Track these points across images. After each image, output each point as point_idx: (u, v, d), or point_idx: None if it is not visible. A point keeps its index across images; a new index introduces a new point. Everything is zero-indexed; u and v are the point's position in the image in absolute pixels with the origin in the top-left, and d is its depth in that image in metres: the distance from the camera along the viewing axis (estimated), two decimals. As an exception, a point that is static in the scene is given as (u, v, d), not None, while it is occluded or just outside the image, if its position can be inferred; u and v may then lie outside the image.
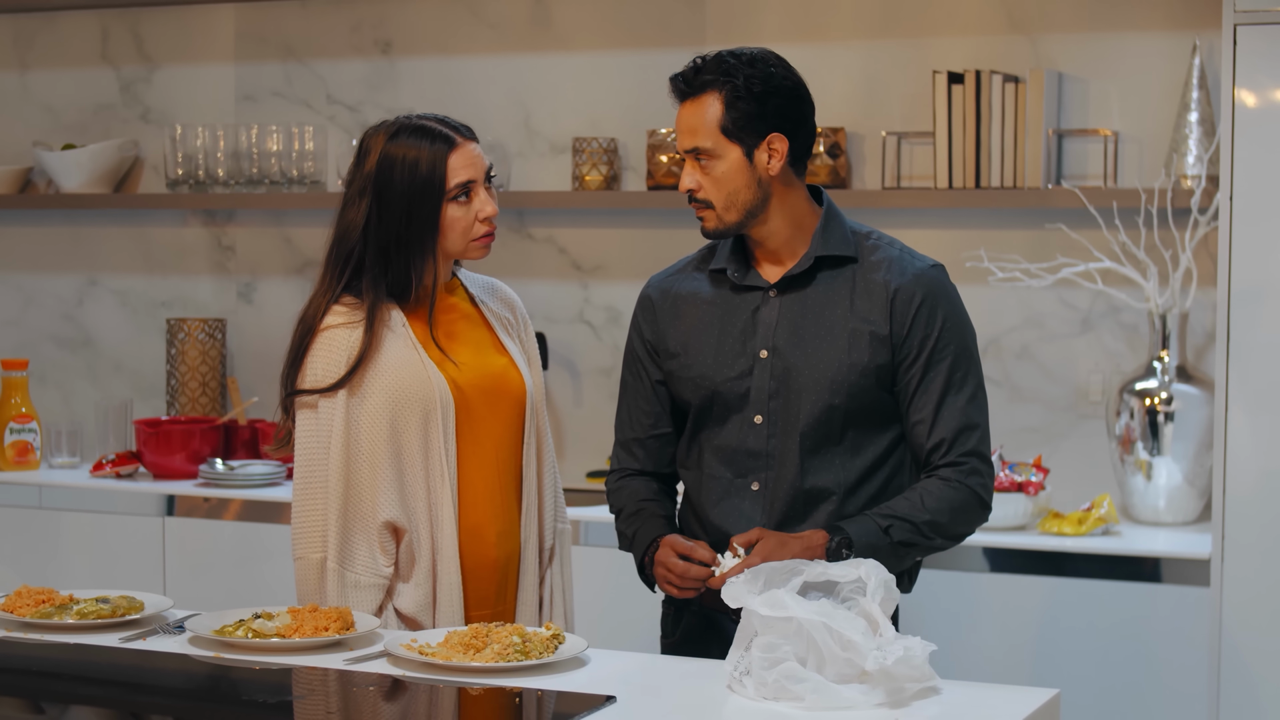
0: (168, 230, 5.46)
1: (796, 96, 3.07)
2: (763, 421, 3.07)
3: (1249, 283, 3.88)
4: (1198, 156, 4.27)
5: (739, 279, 3.10)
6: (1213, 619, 3.90)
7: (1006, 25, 4.57)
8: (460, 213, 3.16)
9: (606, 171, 4.85)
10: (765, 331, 3.07)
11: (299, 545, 3.17)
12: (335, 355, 3.14)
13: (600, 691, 2.63)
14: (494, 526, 3.22)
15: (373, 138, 3.19)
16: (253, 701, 2.69)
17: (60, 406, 5.55)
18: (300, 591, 3.18)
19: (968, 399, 3.05)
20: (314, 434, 3.17)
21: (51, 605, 3.04)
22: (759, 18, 4.79)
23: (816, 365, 3.04)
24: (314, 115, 5.24)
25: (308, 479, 3.17)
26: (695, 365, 3.11)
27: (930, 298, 3.04)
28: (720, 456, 3.11)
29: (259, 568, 4.67)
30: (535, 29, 5.02)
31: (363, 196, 3.16)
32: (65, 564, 4.84)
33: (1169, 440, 4.22)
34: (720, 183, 3.04)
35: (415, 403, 3.15)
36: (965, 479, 3.03)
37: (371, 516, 3.14)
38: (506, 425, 3.26)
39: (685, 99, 3.10)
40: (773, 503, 3.07)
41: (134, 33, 5.44)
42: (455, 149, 3.16)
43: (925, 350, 3.04)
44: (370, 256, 3.17)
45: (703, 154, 3.04)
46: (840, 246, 3.08)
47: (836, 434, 3.05)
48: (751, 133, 3.03)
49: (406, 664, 2.77)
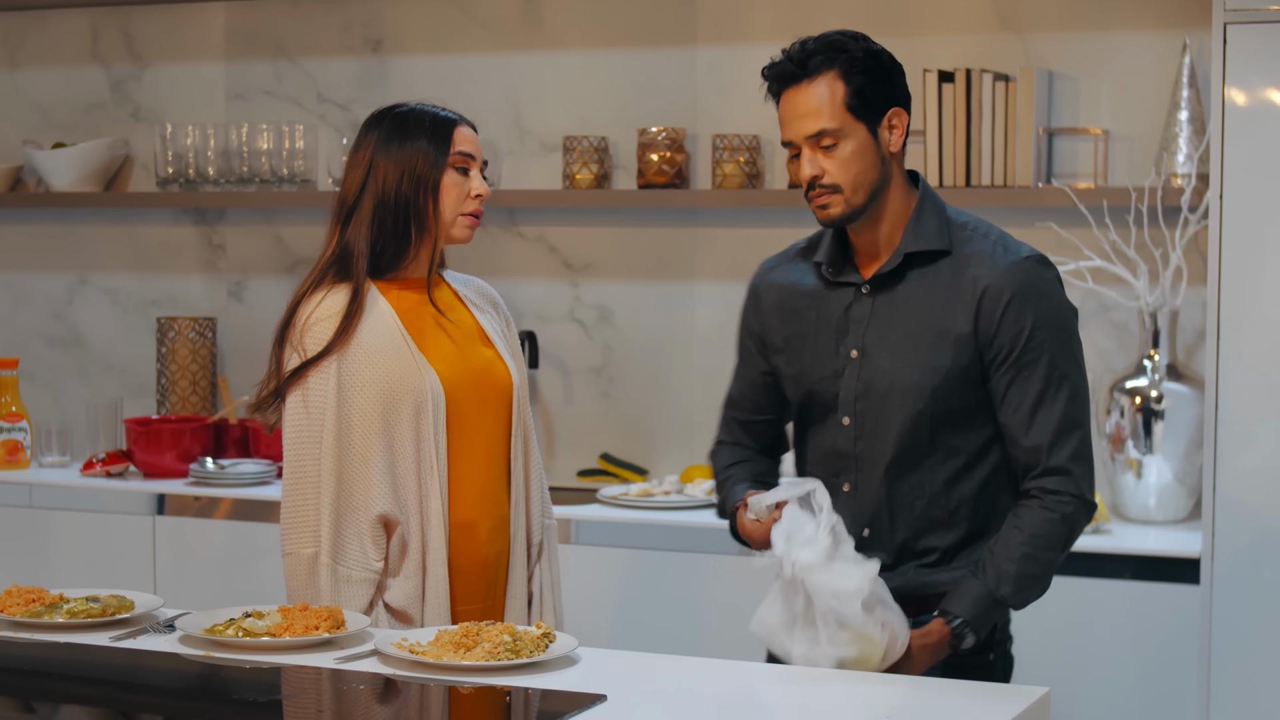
0: (158, 229, 5.45)
1: (902, 72, 3.02)
2: (850, 424, 3.03)
3: (1239, 281, 3.88)
4: (1188, 155, 4.27)
5: (832, 275, 3.06)
6: (1203, 617, 3.91)
7: (997, 24, 4.57)
8: (457, 180, 3.24)
9: (597, 170, 4.85)
10: (857, 331, 3.02)
11: (289, 540, 3.17)
12: (324, 326, 3.16)
13: (591, 690, 2.63)
14: (485, 523, 3.23)
15: (379, 112, 3.30)
16: (243, 700, 2.69)
17: (50, 405, 5.54)
18: (290, 588, 3.17)
19: (1066, 401, 2.95)
20: (304, 426, 3.16)
21: (42, 604, 3.04)
22: (750, 16, 4.79)
23: (902, 369, 2.97)
24: (305, 114, 5.24)
25: (298, 473, 3.16)
26: (794, 363, 3.09)
27: (1021, 295, 2.94)
28: (817, 455, 3.09)
29: (249, 567, 4.67)
30: (526, 28, 5.02)
31: (366, 155, 3.23)
32: (55, 563, 4.84)
33: (1159, 438, 4.22)
34: (848, 164, 2.95)
35: (407, 395, 3.15)
36: (1056, 505, 2.93)
37: (364, 510, 3.14)
38: (494, 420, 3.27)
39: (795, 83, 2.98)
40: (861, 506, 3.03)
41: (124, 31, 5.44)
42: (460, 125, 3.27)
43: (1015, 351, 2.94)
44: (362, 217, 3.20)
45: (827, 135, 2.94)
46: (932, 240, 3.00)
47: (925, 438, 2.98)
48: (876, 109, 2.96)
49: (397, 663, 2.77)
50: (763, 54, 4.75)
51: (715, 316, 4.86)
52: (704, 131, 4.84)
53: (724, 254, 4.85)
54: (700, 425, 4.88)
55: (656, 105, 4.90)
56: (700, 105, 4.86)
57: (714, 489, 3.23)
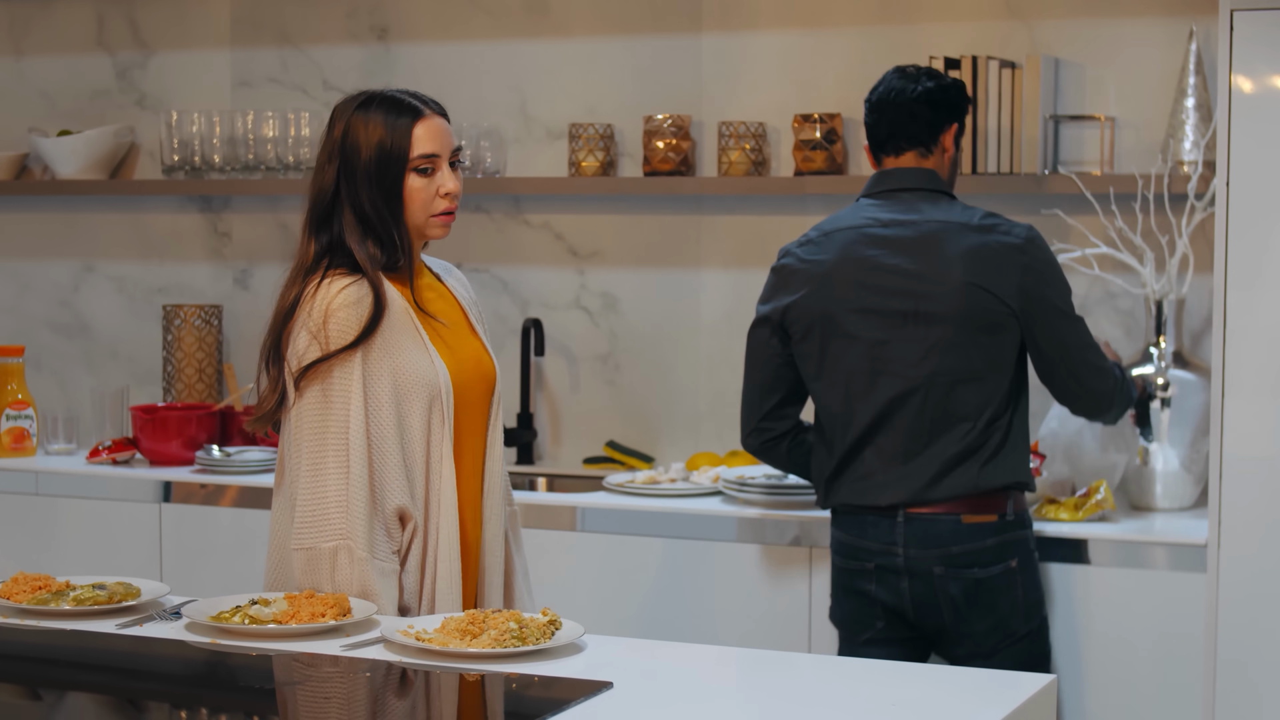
0: (164, 216, 5.45)
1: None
2: None
3: (1245, 268, 3.87)
4: (1194, 142, 4.27)
5: None
6: (1209, 604, 3.90)
7: (1003, 11, 4.56)
8: (421, 184, 3.17)
9: (603, 157, 4.85)
10: None
11: (308, 535, 3.06)
12: (348, 315, 3.10)
13: (597, 677, 2.63)
14: (469, 512, 3.23)
15: (343, 105, 3.21)
16: (249, 687, 2.69)
17: (57, 393, 5.54)
18: (305, 583, 3.08)
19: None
20: (325, 418, 3.09)
21: (48, 591, 3.04)
22: (756, 3, 4.78)
23: None
24: (310, 101, 5.23)
25: (318, 466, 3.08)
26: None
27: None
28: None
29: (255, 554, 4.67)
30: (531, 15, 5.02)
31: (331, 161, 3.18)
32: (62, 550, 4.84)
33: (1165, 426, 4.22)
34: None
35: (420, 387, 3.14)
36: None
37: (385, 503, 3.11)
38: (481, 410, 3.27)
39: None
40: None
41: (129, 18, 5.43)
42: (421, 120, 3.17)
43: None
44: (347, 222, 3.17)
45: None
46: None
47: None
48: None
49: (403, 650, 2.77)
50: (768, 41, 4.78)
51: (721, 304, 4.85)
52: (709, 119, 4.84)
53: (730, 241, 4.84)
54: (706, 412, 4.88)
55: (662, 92, 4.90)
56: (706, 92, 4.85)
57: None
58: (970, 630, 3.74)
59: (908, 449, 3.74)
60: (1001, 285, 3.71)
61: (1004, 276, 3.72)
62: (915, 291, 3.72)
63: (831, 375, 3.79)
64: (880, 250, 3.76)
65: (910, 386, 3.72)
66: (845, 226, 3.81)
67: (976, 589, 3.71)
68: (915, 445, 3.73)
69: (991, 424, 3.73)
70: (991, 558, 3.73)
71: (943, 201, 3.81)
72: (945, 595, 3.72)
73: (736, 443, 4.80)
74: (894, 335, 3.74)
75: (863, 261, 3.76)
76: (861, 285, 3.75)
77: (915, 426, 3.73)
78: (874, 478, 3.76)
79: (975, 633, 3.74)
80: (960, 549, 3.71)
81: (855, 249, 3.77)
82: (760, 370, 3.90)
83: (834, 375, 3.78)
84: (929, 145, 3.85)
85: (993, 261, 3.72)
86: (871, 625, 3.81)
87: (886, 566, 3.75)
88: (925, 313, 3.72)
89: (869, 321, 3.75)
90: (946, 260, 3.72)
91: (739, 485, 4.34)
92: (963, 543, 3.71)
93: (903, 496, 3.73)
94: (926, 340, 3.72)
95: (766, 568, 4.23)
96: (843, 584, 3.84)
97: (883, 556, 3.75)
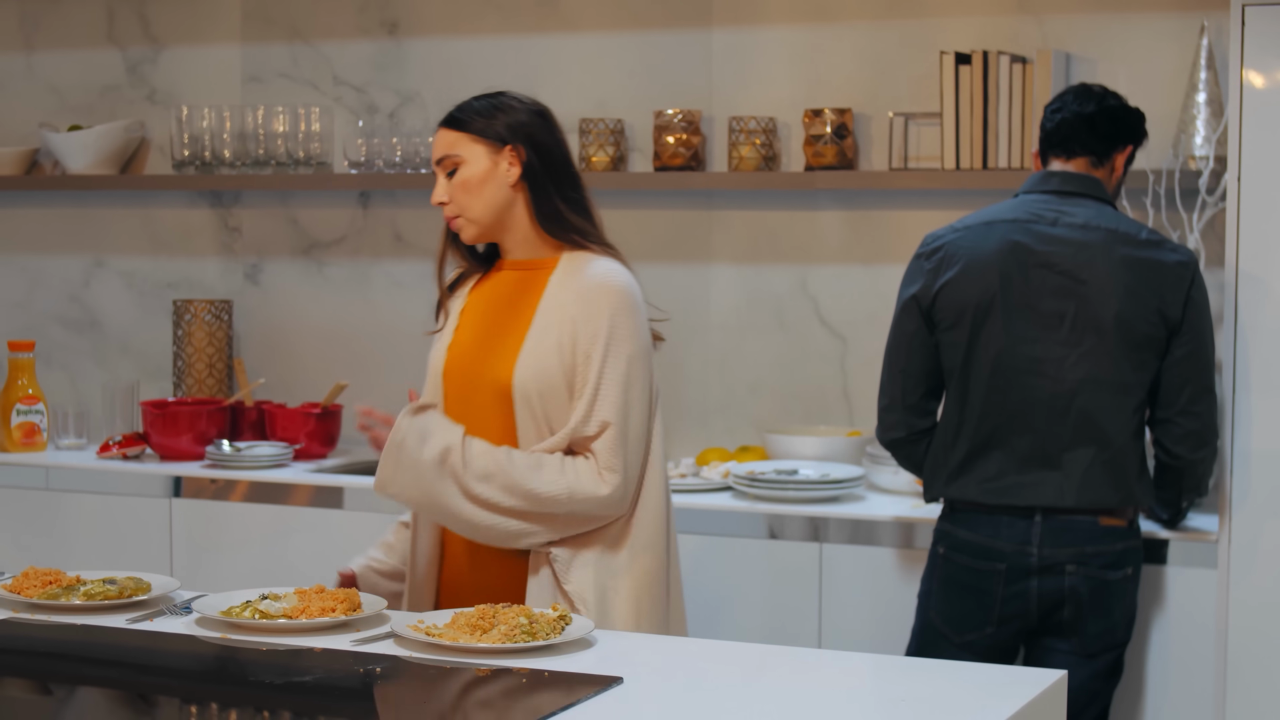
0: (174, 211, 5.45)
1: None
2: None
3: (1256, 264, 3.87)
4: (1205, 137, 4.26)
5: None
6: (1220, 601, 3.90)
7: (1014, 6, 4.56)
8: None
9: (613, 152, 4.84)
10: None
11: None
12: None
13: (607, 673, 2.63)
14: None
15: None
16: (260, 682, 2.69)
17: (67, 388, 5.55)
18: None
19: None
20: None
21: (58, 586, 3.04)
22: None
23: None
24: (320, 96, 5.24)
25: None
26: None
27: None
28: None
29: (266, 549, 4.68)
30: (542, 10, 5.01)
31: None
32: (72, 545, 4.85)
33: (1176, 422, 4.21)
34: None
35: (431, 369, 3.32)
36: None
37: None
38: (490, 413, 3.24)
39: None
40: None
41: (140, 13, 5.44)
42: (437, 132, 3.35)
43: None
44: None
45: None
46: None
47: None
48: None
49: (413, 645, 2.78)
50: (779, 36, 4.77)
51: (731, 299, 4.85)
52: (720, 114, 4.83)
53: (740, 236, 4.84)
54: (716, 408, 4.88)
55: (672, 87, 4.89)
56: (716, 87, 4.85)
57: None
58: (1084, 629, 3.70)
59: (1048, 452, 3.69)
60: (1165, 302, 3.69)
61: (1169, 294, 3.69)
62: (1076, 294, 3.67)
63: (974, 367, 3.72)
64: (1046, 247, 3.70)
65: (1057, 390, 3.67)
66: (1008, 219, 3.75)
67: (1103, 590, 3.68)
68: (1055, 448, 3.68)
69: (1134, 436, 3.71)
70: (1119, 561, 3.70)
71: (1107, 210, 3.78)
72: (1073, 593, 3.67)
73: (746, 437, 4.80)
74: (1047, 335, 3.69)
75: (1027, 257, 3.70)
76: (1022, 280, 3.69)
77: (1058, 430, 3.68)
78: (1007, 477, 3.70)
79: (1088, 633, 3.71)
80: (1094, 549, 3.68)
81: (1018, 242, 3.71)
82: (907, 356, 3.82)
83: (976, 367, 3.72)
84: (1102, 158, 3.82)
85: (1158, 277, 3.69)
86: (982, 628, 3.73)
87: (1018, 567, 3.69)
88: (1082, 316, 3.67)
89: (1023, 317, 3.69)
90: (1112, 268, 3.67)
91: (749, 480, 4.34)
92: (1097, 543, 3.68)
93: (1046, 499, 3.67)
94: (1080, 345, 3.67)
95: (776, 563, 4.23)
96: (962, 582, 3.74)
97: (1015, 557, 3.68)
